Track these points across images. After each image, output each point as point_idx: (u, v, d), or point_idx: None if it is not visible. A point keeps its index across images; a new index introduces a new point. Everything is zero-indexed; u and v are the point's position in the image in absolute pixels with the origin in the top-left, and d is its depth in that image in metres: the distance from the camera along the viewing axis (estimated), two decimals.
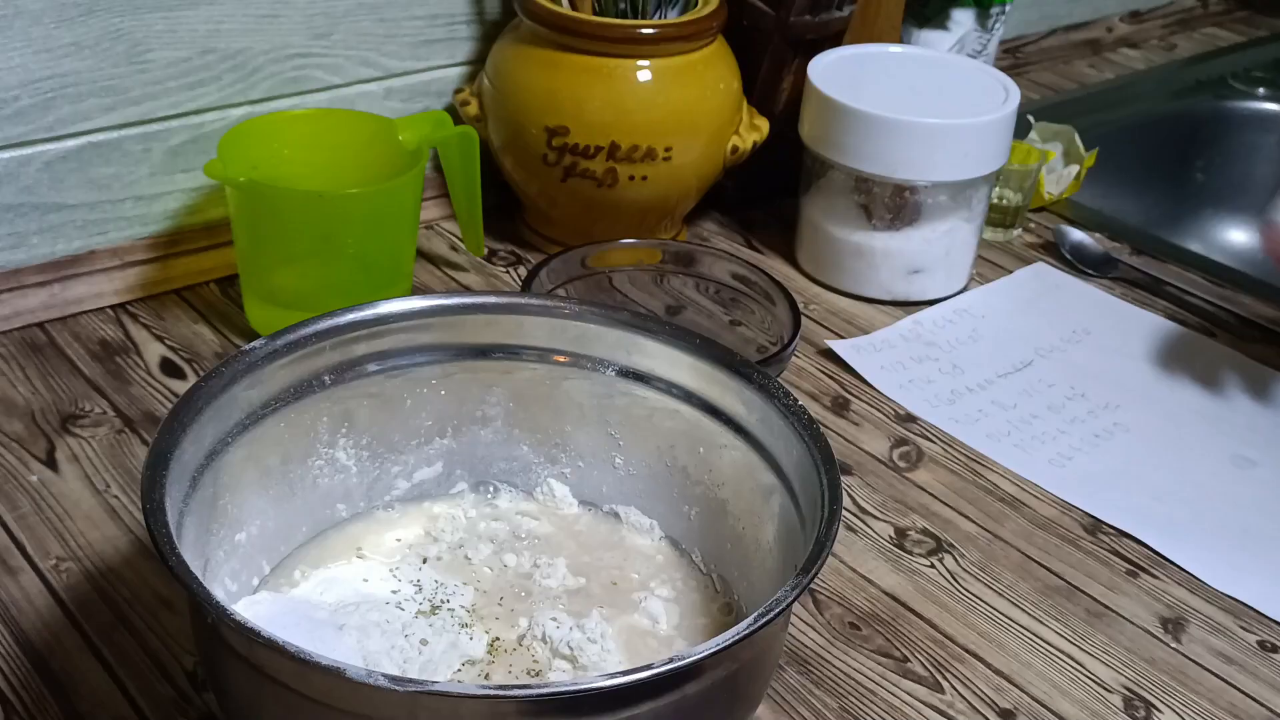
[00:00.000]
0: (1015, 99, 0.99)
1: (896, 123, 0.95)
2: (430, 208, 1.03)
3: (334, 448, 0.69)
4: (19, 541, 0.73)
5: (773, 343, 0.89)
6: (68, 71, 0.87)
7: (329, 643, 0.59)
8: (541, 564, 0.69)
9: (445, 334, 0.70)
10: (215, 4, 0.90)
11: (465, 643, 0.63)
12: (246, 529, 0.65)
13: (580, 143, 0.95)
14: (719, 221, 1.10)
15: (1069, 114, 1.26)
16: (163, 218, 0.94)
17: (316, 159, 0.90)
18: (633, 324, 0.70)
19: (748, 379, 0.67)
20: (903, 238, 0.98)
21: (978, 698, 0.69)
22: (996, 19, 1.19)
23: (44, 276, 0.90)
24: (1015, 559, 0.78)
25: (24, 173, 0.88)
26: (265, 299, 0.89)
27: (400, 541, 0.70)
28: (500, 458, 0.74)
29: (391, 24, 0.99)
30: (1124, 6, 1.55)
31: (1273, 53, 1.53)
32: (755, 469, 0.66)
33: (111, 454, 0.80)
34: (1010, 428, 0.88)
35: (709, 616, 0.68)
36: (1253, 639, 0.74)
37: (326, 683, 0.51)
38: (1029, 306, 1.02)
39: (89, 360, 0.87)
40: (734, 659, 0.55)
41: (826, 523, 0.57)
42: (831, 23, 1.04)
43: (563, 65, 0.95)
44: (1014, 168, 1.06)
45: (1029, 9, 1.44)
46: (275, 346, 0.65)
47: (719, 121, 0.99)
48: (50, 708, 0.64)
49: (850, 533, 0.79)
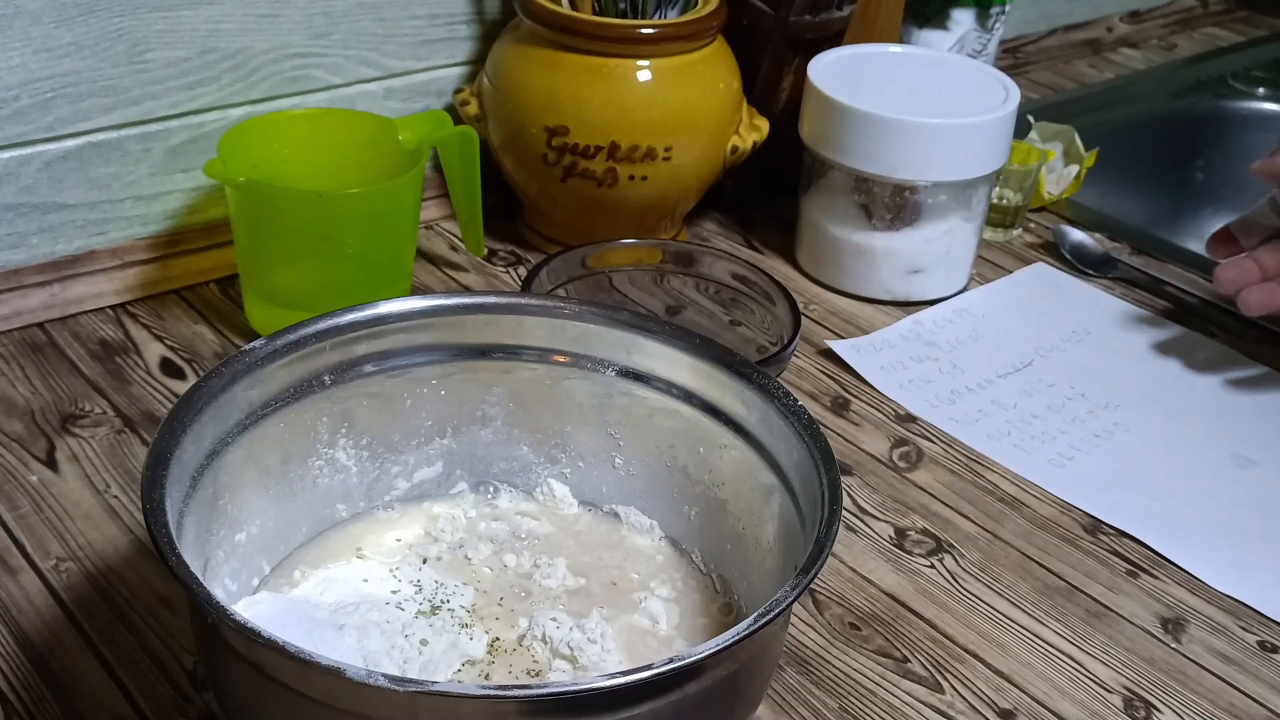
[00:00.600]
0: (1015, 99, 0.99)
1: (896, 123, 0.95)
2: (430, 208, 1.03)
3: (334, 448, 0.69)
4: (19, 541, 0.73)
5: (773, 343, 0.89)
6: (67, 71, 0.87)
7: (329, 643, 0.59)
8: (541, 564, 0.69)
9: (445, 334, 0.70)
10: (215, 4, 0.90)
11: (465, 643, 0.63)
12: (246, 529, 0.65)
13: (580, 142, 0.95)
14: (719, 221, 1.10)
15: (1069, 114, 1.26)
16: (163, 218, 0.94)
17: (316, 159, 0.90)
18: (633, 324, 0.70)
19: (748, 379, 0.67)
20: (903, 238, 0.98)
21: (978, 698, 0.69)
22: (996, 19, 1.19)
23: (44, 276, 0.90)
24: (1015, 559, 0.78)
25: (24, 172, 0.88)
26: (265, 299, 0.89)
27: (400, 541, 0.70)
28: (500, 458, 0.74)
29: (391, 24, 0.99)
30: (1124, 6, 1.55)
31: (1273, 53, 1.53)
32: (755, 469, 0.66)
33: (111, 454, 0.80)
34: (1010, 428, 0.88)
35: (709, 616, 0.68)
36: (1253, 639, 0.74)
37: (326, 683, 0.51)
38: (1029, 306, 1.02)
39: (89, 360, 0.87)
40: (734, 659, 0.55)
41: (826, 523, 0.57)
42: (831, 22, 1.04)
43: (563, 65, 0.95)
44: (1014, 168, 1.06)
45: (1029, 9, 1.44)
46: (275, 346, 0.65)
47: (719, 121, 0.99)
48: (50, 707, 0.64)
49: (850, 533, 0.79)
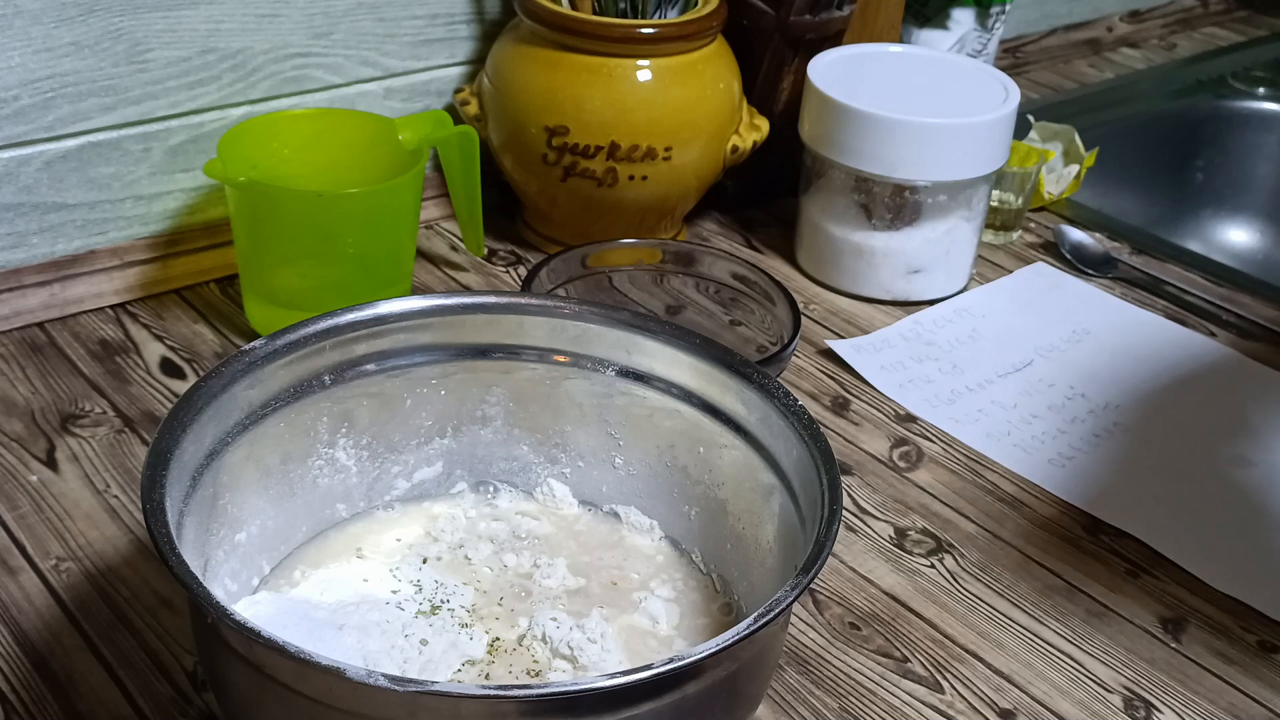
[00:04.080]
0: (1015, 99, 0.99)
1: (896, 122, 0.95)
2: (430, 208, 1.03)
3: (334, 448, 0.69)
4: (19, 541, 0.73)
5: (773, 343, 0.89)
6: (67, 71, 0.87)
7: (329, 643, 0.59)
8: (541, 564, 0.69)
9: (445, 334, 0.70)
10: (215, 4, 0.90)
11: (465, 643, 0.63)
12: (246, 529, 0.66)
13: (580, 142, 0.95)
14: (719, 221, 1.10)
15: (1069, 114, 1.26)
16: (163, 217, 0.94)
17: (316, 159, 0.90)
18: (633, 324, 0.70)
19: (748, 379, 0.67)
20: (903, 237, 0.98)
21: (978, 698, 0.69)
22: (996, 18, 1.19)
23: (44, 276, 0.90)
24: (1015, 559, 0.78)
25: (24, 172, 0.88)
26: (265, 299, 0.89)
27: (400, 541, 0.70)
28: (500, 458, 0.74)
29: (391, 23, 0.99)
30: (1124, 6, 1.55)
31: (1273, 52, 1.53)
32: (755, 469, 0.66)
33: (111, 454, 0.80)
34: (1010, 428, 0.88)
35: (709, 616, 0.68)
36: (1253, 639, 0.74)
37: (326, 683, 0.51)
38: (1029, 306, 1.02)
39: (89, 360, 0.87)
40: (734, 659, 0.55)
41: (826, 523, 0.58)
42: (831, 22, 1.04)
43: (563, 65, 0.95)
44: (1013, 170, 1.06)
45: (1029, 9, 1.44)
46: (275, 346, 0.65)
47: (719, 121, 0.99)
48: (50, 707, 0.64)
49: (850, 533, 0.79)
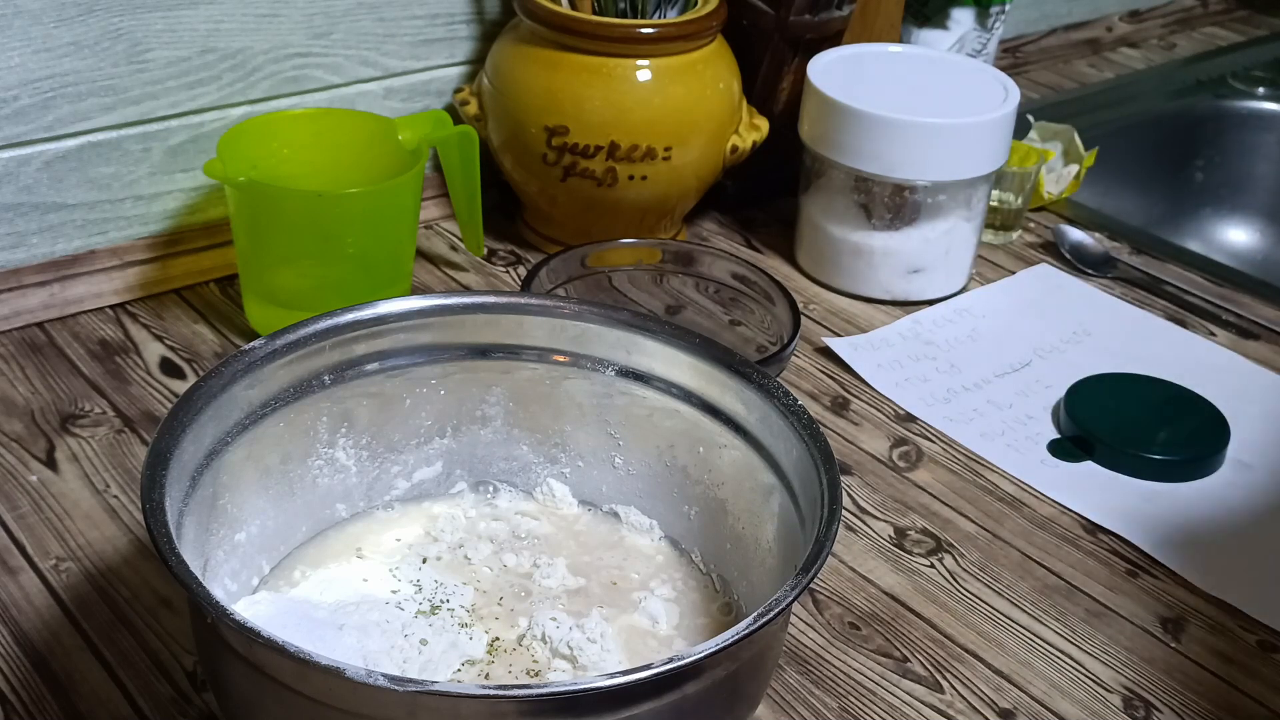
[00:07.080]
0: (1015, 98, 0.99)
1: (896, 122, 0.95)
2: (430, 207, 1.03)
3: (334, 447, 0.69)
4: (19, 541, 0.73)
5: (772, 342, 0.89)
6: (67, 71, 0.87)
7: (329, 643, 0.59)
8: (541, 564, 0.69)
9: (445, 334, 0.70)
10: (215, 4, 0.90)
11: (465, 643, 0.63)
12: (246, 529, 0.66)
13: (580, 142, 0.95)
14: (719, 221, 1.10)
15: (1069, 114, 1.26)
16: (162, 217, 0.94)
17: (316, 159, 0.90)
18: (633, 324, 0.70)
19: (747, 379, 0.67)
20: (902, 237, 0.98)
21: (977, 698, 0.69)
22: (996, 18, 1.19)
23: (44, 276, 0.90)
24: (1015, 559, 0.78)
25: (24, 172, 0.88)
26: (265, 299, 0.89)
27: (400, 541, 0.70)
28: (500, 458, 0.74)
29: (391, 23, 0.99)
30: (1124, 6, 1.55)
31: (1273, 52, 1.53)
32: (755, 469, 0.66)
33: (111, 454, 0.80)
34: (1005, 427, 0.88)
35: (709, 616, 0.68)
36: (1253, 639, 0.74)
37: (326, 683, 0.51)
38: (1029, 306, 1.02)
39: (89, 360, 0.87)
40: (734, 659, 0.55)
41: (826, 522, 0.58)
42: (831, 22, 1.04)
43: (562, 65, 0.95)
44: (1013, 170, 1.06)
45: (1029, 8, 1.44)
46: (275, 346, 0.65)
47: (719, 121, 0.99)
48: (50, 707, 0.64)
49: (850, 533, 0.79)
